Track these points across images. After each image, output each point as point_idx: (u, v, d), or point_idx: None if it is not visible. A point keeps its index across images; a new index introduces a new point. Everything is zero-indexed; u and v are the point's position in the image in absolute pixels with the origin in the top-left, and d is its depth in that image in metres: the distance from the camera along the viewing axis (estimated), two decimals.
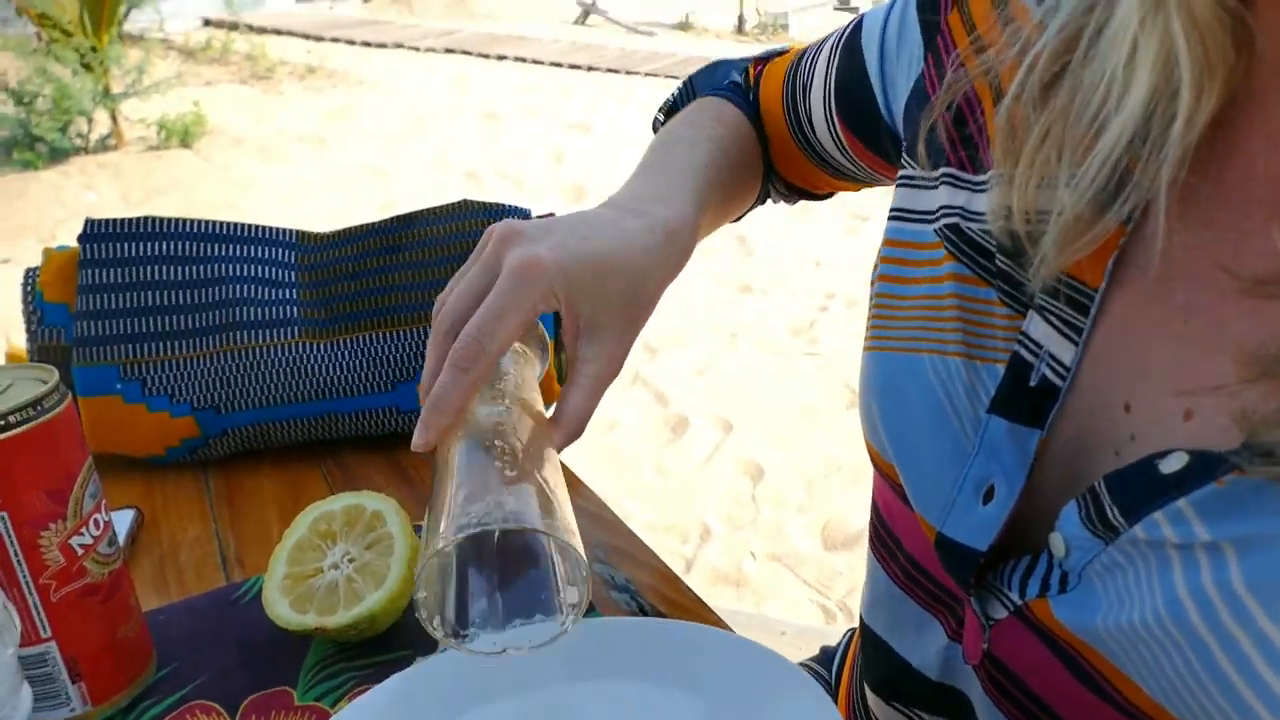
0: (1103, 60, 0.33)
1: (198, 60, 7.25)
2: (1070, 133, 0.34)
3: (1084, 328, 0.35)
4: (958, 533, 0.38)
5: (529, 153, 4.92)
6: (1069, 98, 0.34)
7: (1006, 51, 0.38)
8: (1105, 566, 0.33)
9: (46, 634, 0.41)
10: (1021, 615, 0.37)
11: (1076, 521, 0.34)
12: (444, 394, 0.38)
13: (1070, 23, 0.35)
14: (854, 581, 1.75)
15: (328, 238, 0.73)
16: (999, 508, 0.37)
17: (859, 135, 0.53)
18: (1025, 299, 0.37)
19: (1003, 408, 0.38)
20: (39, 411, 0.40)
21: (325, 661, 0.47)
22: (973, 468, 0.38)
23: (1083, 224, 0.34)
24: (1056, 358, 0.36)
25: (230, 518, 0.62)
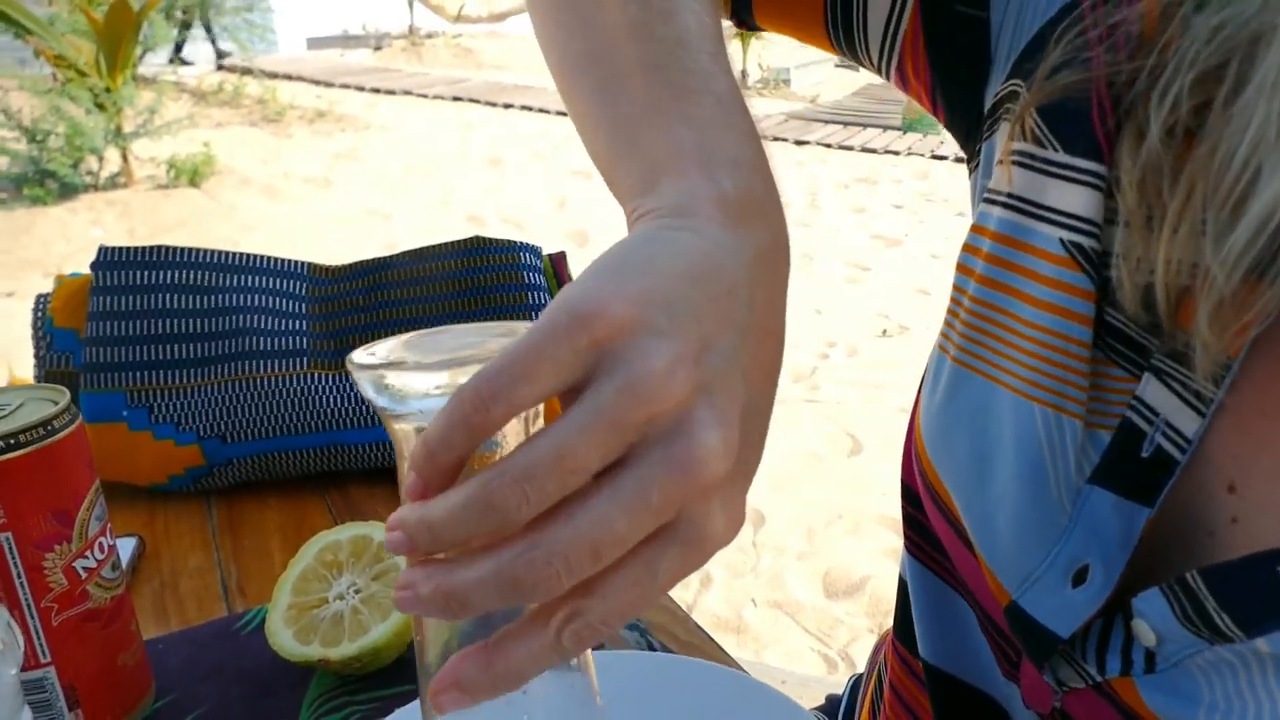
0: (1249, 108, 0.28)
1: (209, 102, 7.38)
2: (1213, 188, 0.29)
3: (1215, 399, 0.31)
4: (1038, 611, 0.34)
5: (532, 198, 4.98)
6: (1211, 148, 0.29)
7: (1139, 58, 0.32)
8: (1211, 664, 0.31)
9: (46, 659, 0.41)
10: (1101, 691, 0.34)
11: (1170, 617, 0.31)
12: None
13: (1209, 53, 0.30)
14: (855, 630, 1.72)
15: (339, 270, 0.73)
16: (1092, 594, 0.33)
17: (932, 40, 0.40)
18: (1140, 359, 0.33)
19: (1106, 479, 0.33)
20: (48, 432, 0.40)
21: (328, 695, 0.46)
22: (1066, 544, 0.34)
23: (1242, 300, 0.29)
24: (1176, 428, 0.32)
25: (232, 548, 0.61)
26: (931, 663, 0.45)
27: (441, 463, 0.23)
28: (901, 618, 0.48)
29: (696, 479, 0.22)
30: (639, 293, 0.23)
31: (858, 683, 0.65)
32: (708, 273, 0.25)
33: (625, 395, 0.22)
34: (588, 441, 0.22)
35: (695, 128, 0.29)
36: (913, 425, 0.43)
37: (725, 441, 0.23)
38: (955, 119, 0.42)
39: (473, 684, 0.23)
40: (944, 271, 3.65)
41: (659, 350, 0.22)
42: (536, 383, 0.22)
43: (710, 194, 0.27)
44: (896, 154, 5.74)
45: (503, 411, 0.22)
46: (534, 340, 0.22)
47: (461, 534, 0.22)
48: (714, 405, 0.23)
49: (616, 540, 0.22)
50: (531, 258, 0.72)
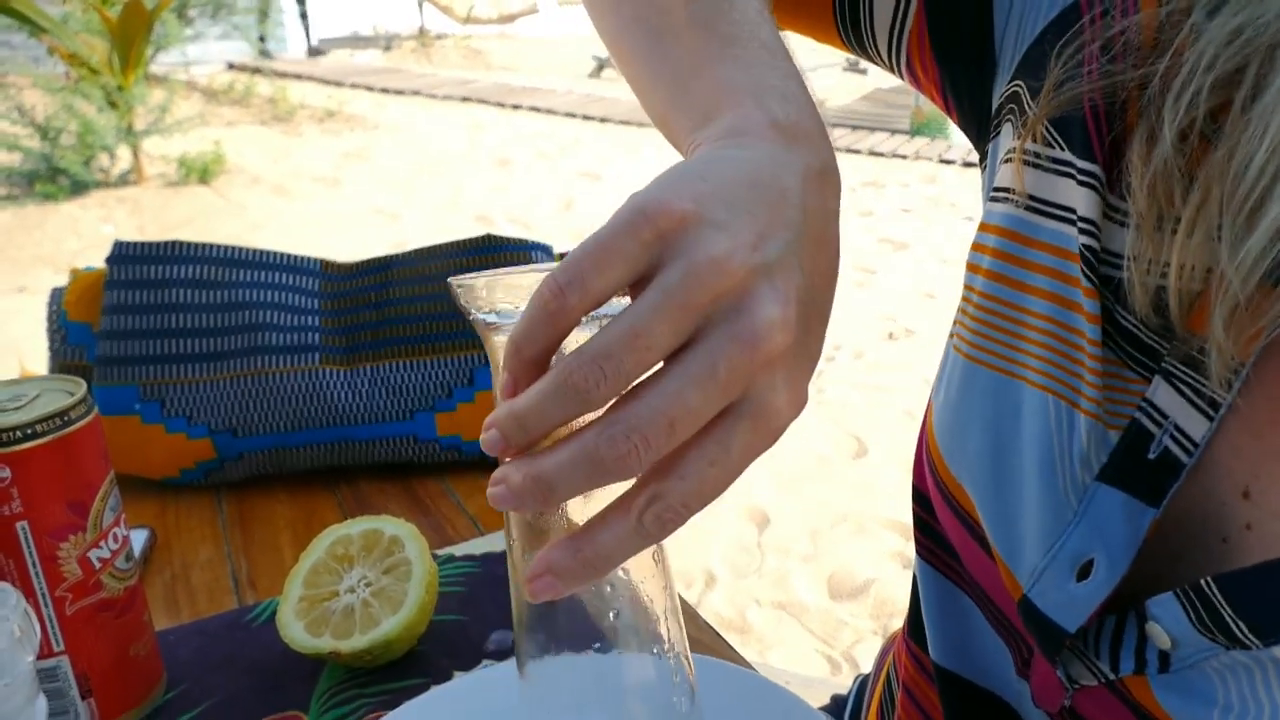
0: (1267, 114, 0.29)
1: (220, 101, 7.41)
2: (1229, 193, 0.30)
3: (1224, 403, 0.31)
4: (1045, 605, 0.35)
5: (539, 199, 4.98)
6: (1228, 153, 0.30)
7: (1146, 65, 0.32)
8: (1226, 666, 0.31)
9: (59, 648, 0.41)
10: (1114, 689, 0.34)
11: (1185, 622, 0.31)
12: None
13: (1227, 57, 0.30)
14: (859, 632, 1.71)
15: (351, 267, 0.73)
16: (1096, 589, 0.33)
17: (937, 41, 0.41)
18: (1150, 362, 0.33)
19: (1114, 477, 0.34)
20: (64, 422, 0.40)
21: (338, 687, 0.46)
22: (1070, 538, 0.34)
23: (1256, 307, 0.29)
24: (1184, 431, 0.32)
25: (243, 541, 0.61)
26: (941, 664, 0.45)
27: (527, 356, 0.25)
28: (914, 619, 0.48)
29: (760, 350, 0.24)
30: (699, 193, 0.25)
31: (864, 683, 0.65)
32: (762, 178, 0.26)
33: (690, 278, 0.23)
34: (658, 320, 0.23)
35: (744, 68, 0.31)
36: (924, 427, 0.44)
37: (784, 316, 0.24)
38: (966, 117, 0.42)
39: (564, 569, 0.24)
40: (951, 275, 3.64)
41: (718, 239, 0.24)
42: (608, 272, 0.24)
43: (762, 118, 0.29)
44: (904, 158, 5.73)
45: (578, 300, 0.24)
46: (603, 235, 0.24)
47: (547, 421, 0.24)
48: (772, 285, 0.24)
49: (690, 414, 0.23)
50: (543, 257, 0.72)
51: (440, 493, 0.67)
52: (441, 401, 0.67)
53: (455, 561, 0.57)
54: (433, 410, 0.67)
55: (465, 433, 0.68)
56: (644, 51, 0.35)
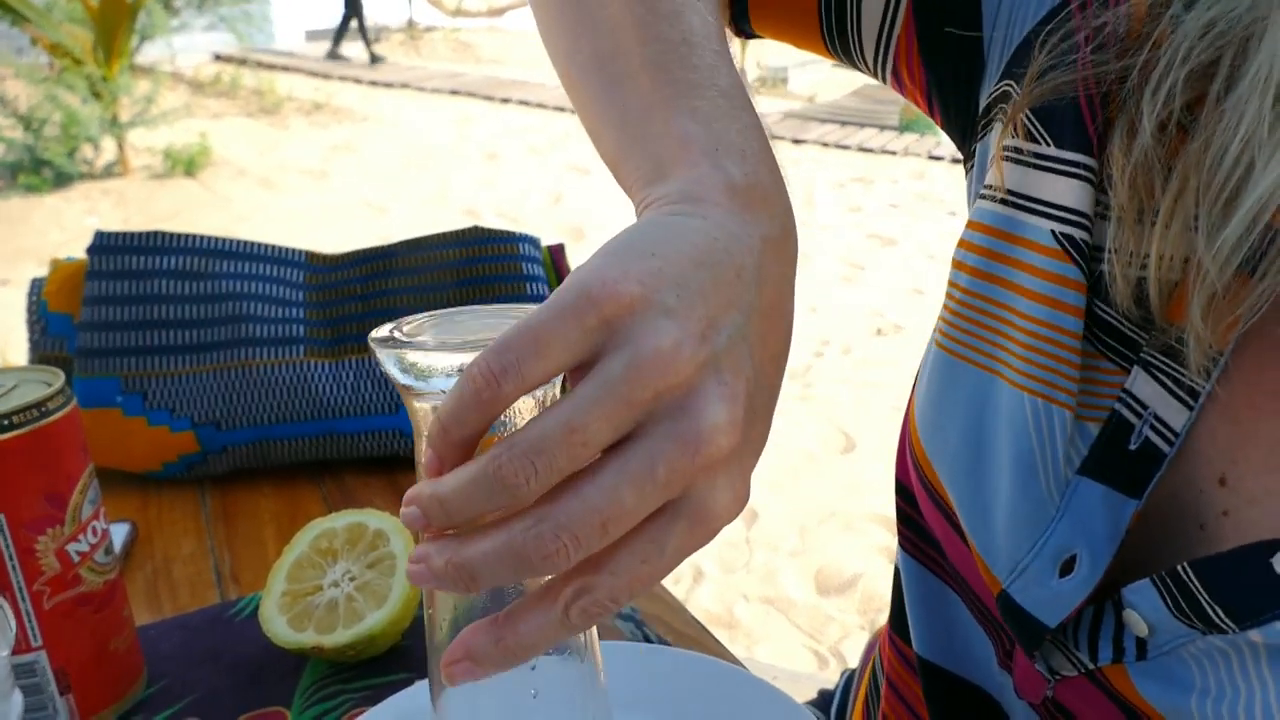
0: (1241, 104, 0.29)
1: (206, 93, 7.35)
2: (1205, 183, 0.30)
3: (1203, 392, 0.31)
4: (1026, 601, 0.35)
5: (528, 193, 4.97)
6: (1204, 143, 0.30)
7: (1128, 57, 0.32)
8: (1203, 652, 0.31)
9: (37, 643, 0.40)
10: (1093, 678, 0.34)
11: (1162, 608, 0.31)
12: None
13: (1201, 49, 0.30)
14: (846, 627, 1.72)
15: (336, 259, 0.73)
16: (1079, 584, 0.33)
17: (925, 44, 0.40)
18: (1129, 353, 0.33)
19: (1094, 470, 0.34)
20: (42, 414, 0.40)
21: (321, 682, 0.46)
22: (1053, 534, 0.34)
23: (1234, 295, 0.30)
24: (1164, 421, 0.32)
25: (226, 535, 0.60)
26: (925, 657, 0.45)
27: (454, 439, 0.23)
28: (897, 613, 0.48)
29: (703, 454, 0.23)
30: (647, 273, 0.24)
31: (851, 678, 0.65)
32: (715, 256, 0.25)
33: (633, 371, 0.22)
34: (596, 415, 0.22)
35: (702, 121, 0.29)
36: (907, 421, 0.44)
37: (731, 417, 0.23)
38: (951, 120, 0.42)
39: (483, 656, 0.24)
40: (939, 271, 3.65)
41: (666, 328, 0.23)
42: (546, 359, 0.22)
43: (718, 181, 0.27)
44: (893, 154, 5.74)
45: (513, 387, 0.22)
46: (544, 317, 0.23)
47: (472, 509, 0.23)
48: (721, 381, 0.23)
49: (624, 514, 0.22)
50: (530, 248, 0.72)
51: None
52: None
53: None
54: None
55: None
56: (598, 93, 0.33)
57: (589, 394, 0.22)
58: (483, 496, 0.22)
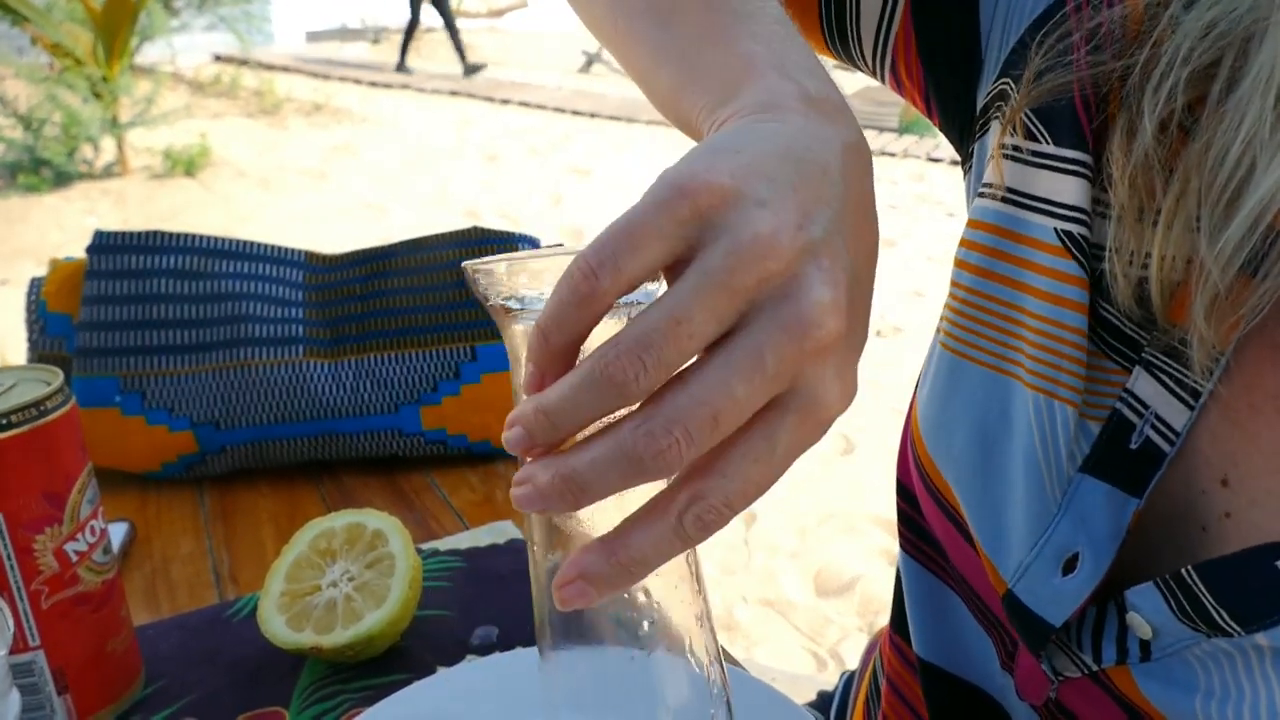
0: (1242, 104, 0.29)
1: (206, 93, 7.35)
2: (1207, 183, 0.30)
3: (1204, 392, 0.32)
4: (1031, 600, 0.35)
5: (528, 194, 4.97)
6: (1206, 144, 0.30)
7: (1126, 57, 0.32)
8: (1208, 654, 0.31)
9: (35, 642, 0.40)
10: (1097, 680, 0.34)
11: (1166, 611, 0.31)
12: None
13: (1202, 50, 0.30)
14: (845, 629, 1.72)
15: (336, 259, 0.73)
16: (1082, 582, 0.33)
17: (924, 42, 0.40)
18: (1131, 352, 0.34)
19: (1096, 469, 0.34)
20: (40, 413, 0.40)
21: (320, 683, 0.46)
22: (1055, 532, 0.34)
23: (1236, 295, 0.30)
24: (1165, 420, 0.32)
25: (225, 535, 0.60)
26: (925, 659, 0.45)
27: (556, 345, 0.23)
28: (898, 614, 0.48)
29: (810, 339, 0.22)
30: (737, 166, 0.23)
31: (850, 679, 0.65)
32: (800, 153, 0.25)
33: (733, 259, 0.22)
34: (700, 305, 0.21)
35: (763, 42, 0.29)
36: (909, 422, 0.44)
37: (835, 300, 0.23)
38: (948, 120, 0.42)
39: (597, 574, 0.23)
40: (938, 273, 3.65)
41: (762, 217, 0.22)
42: (642, 252, 0.22)
43: (792, 91, 0.27)
44: (893, 155, 5.74)
45: (610, 282, 0.22)
46: (637, 212, 0.22)
47: (581, 417, 0.22)
48: (821, 267, 0.23)
49: (735, 406, 0.21)
50: (529, 248, 0.72)
51: (425, 486, 0.66)
52: (427, 395, 0.67)
53: (439, 556, 0.56)
54: (418, 404, 0.67)
55: (450, 426, 0.68)
56: (646, 32, 0.32)
57: (691, 285, 0.22)
58: (591, 400, 0.22)
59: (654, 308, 0.22)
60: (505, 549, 0.57)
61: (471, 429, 0.68)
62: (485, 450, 0.69)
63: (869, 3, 0.41)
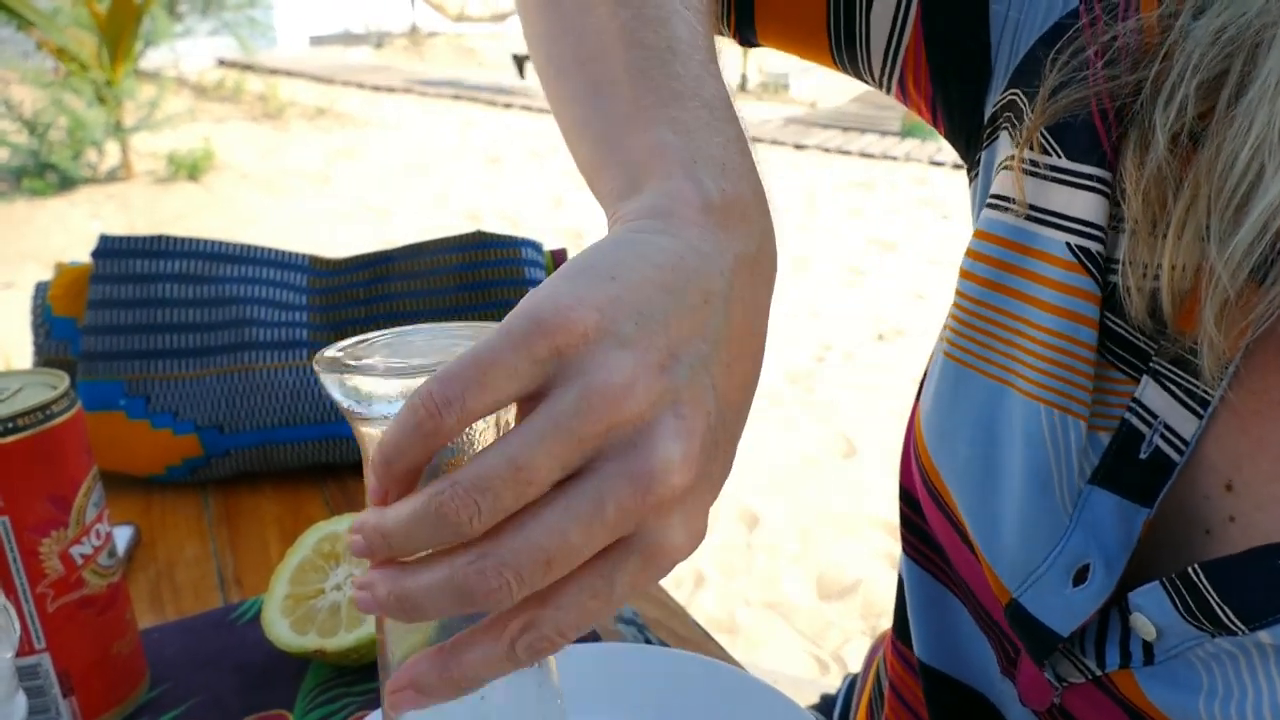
0: (1251, 110, 0.29)
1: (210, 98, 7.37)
2: (1216, 190, 0.30)
3: (1212, 400, 0.32)
4: (1039, 610, 0.35)
5: (529, 196, 4.97)
6: (1215, 151, 0.30)
7: (1140, 70, 0.32)
8: (1211, 654, 0.31)
9: (40, 645, 0.40)
10: (1101, 685, 0.34)
11: (1171, 611, 0.31)
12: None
13: (1212, 57, 0.30)
14: (848, 633, 1.72)
15: (340, 263, 0.73)
16: (1093, 593, 0.34)
17: (934, 55, 0.40)
18: (1139, 363, 0.34)
19: (1106, 480, 0.34)
20: (46, 416, 0.40)
21: (324, 686, 0.46)
22: (1068, 544, 0.34)
23: (1245, 301, 0.30)
24: (1174, 430, 0.32)
25: (229, 538, 0.61)
26: (927, 662, 0.45)
27: (397, 470, 0.22)
28: (900, 617, 0.48)
29: (654, 494, 0.22)
30: (606, 299, 0.23)
31: (854, 682, 0.65)
32: (681, 279, 0.24)
33: (583, 406, 0.21)
34: (544, 453, 0.21)
35: (681, 131, 0.28)
36: (912, 428, 0.44)
37: (686, 454, 0.22)
38: (955, 129, 0.42)
39: (428, 686, 0.23)
40: (940, 276, 3.65)
41: (621, 361, 0.22)
42: (491, 390, 0.21)
43: (693, 196, 0.26)
44: (894, 159, 5.74)
45: (456, 419, 0.21)
46: (492, 346, 0.22)
47: (415, 544, 0.22)
48: (678, 417, 0.22)
49: (570, 552, 0.21)
50: (533, 253, 0.72)
51: None
52: None
53: None
54: None
55: None
56: (576, 100, 0.32)
57: (536, 431, 0.21)
58: (425, 532, 0.21)
59: (496, 449, 0.21)
60: None
61: None
62: None
63: (879, 17, 0.40)
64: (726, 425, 0.25)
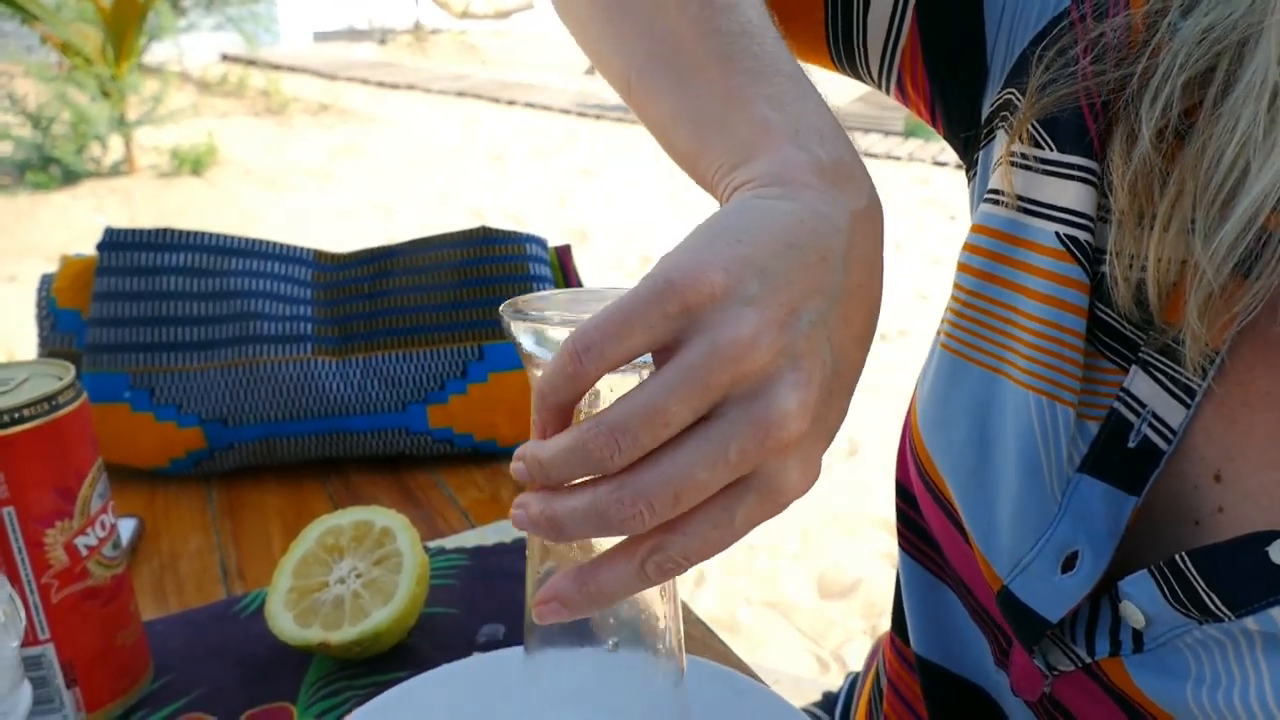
0: (1237, 107, 0.29)
1: (213, 93, 7.37)
2: (1202, 185, 0.30)
3: (1199, 390, 0.32)
4: (1028, 596, 0.35)
5: (533, 195, 4.97)
6: (1200, 147, 0.31)
7: (1126, 65, 0.33)
8: (1199, 642, 0.31)
9: (45, 636, 0.40)
10: (1091, 673, 0.35)
11: (1159, 598, 0.32)
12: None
13: (1199, 55, 0.31)
14: (849, 632, 1.72)
15: (345, 257, 0.73)
16: (1081, 580, 0.34)
17: (930, 55, 0.40)
18: (1128, 352, 0.34)
19: (1095, 469, 0.34)
20: (52, 407, 0.40)
21: (327, 679, 0.46)
22: (1056, 531, 0.35)
23: (1229, 295, 0.30)
24: (1162, 419, 0.33)
25: (232, 531, 0.61)
26: (924, 656, 0.45)
27: (550, 406, 0.25)
28: (898, 613, 0.48)
29: (772, 439, 0.24)
30: (733, 260, 0.24)
31: (855, 680, 0.65)
32: (802, 239, 0.26)
33: (712, 358, 0.23)
34: (676, 399, 0.23)
35: (777, 106, 0.30)
36: (908, 421, 0.44)
37: (803, 405, 0.24)
38: (953, 129, 0.42)
39: (569, 600, 0.26)
40: (943, 276, 3.65)
41: (746, 317, 0.24)
42: (628, 341, 0.24)
43: (805, 161, 0.28)
44: (898, 159, 5.74)
45: (595, 367, 0.24)
46: (629, 303, 0.24)
47: (565, 475, 0.25)
48: (797, 369, 0.24)
49: (696, 488, 0.24)
50: (537, 249, 0.72)
51: (431, 484, 0.67)
52: (434, 393, 0.67)
53: (446, 554, 0.57)
54: (425, 402, 0.67)
55: (457, 425, 0.68)
56: (666, 93, 0.33)
57: (670, 379, 0.23)
58: (575, 465, 0.24)
59: (635, 394, 0.24)
60: (511, 548, 0.57)
61: (478, 428, 0.68)
62: (491, 449, 0.69)
63: (876, 17, 0.41)
64: (841, 376, 0.26)
